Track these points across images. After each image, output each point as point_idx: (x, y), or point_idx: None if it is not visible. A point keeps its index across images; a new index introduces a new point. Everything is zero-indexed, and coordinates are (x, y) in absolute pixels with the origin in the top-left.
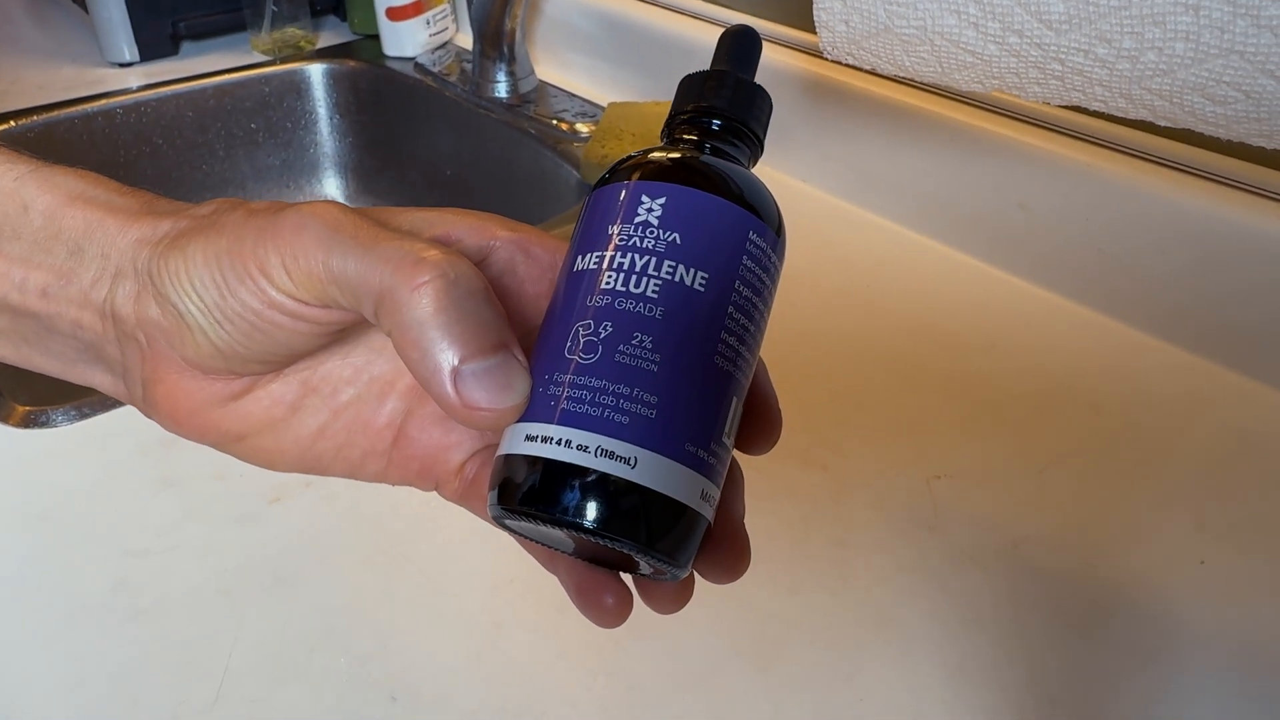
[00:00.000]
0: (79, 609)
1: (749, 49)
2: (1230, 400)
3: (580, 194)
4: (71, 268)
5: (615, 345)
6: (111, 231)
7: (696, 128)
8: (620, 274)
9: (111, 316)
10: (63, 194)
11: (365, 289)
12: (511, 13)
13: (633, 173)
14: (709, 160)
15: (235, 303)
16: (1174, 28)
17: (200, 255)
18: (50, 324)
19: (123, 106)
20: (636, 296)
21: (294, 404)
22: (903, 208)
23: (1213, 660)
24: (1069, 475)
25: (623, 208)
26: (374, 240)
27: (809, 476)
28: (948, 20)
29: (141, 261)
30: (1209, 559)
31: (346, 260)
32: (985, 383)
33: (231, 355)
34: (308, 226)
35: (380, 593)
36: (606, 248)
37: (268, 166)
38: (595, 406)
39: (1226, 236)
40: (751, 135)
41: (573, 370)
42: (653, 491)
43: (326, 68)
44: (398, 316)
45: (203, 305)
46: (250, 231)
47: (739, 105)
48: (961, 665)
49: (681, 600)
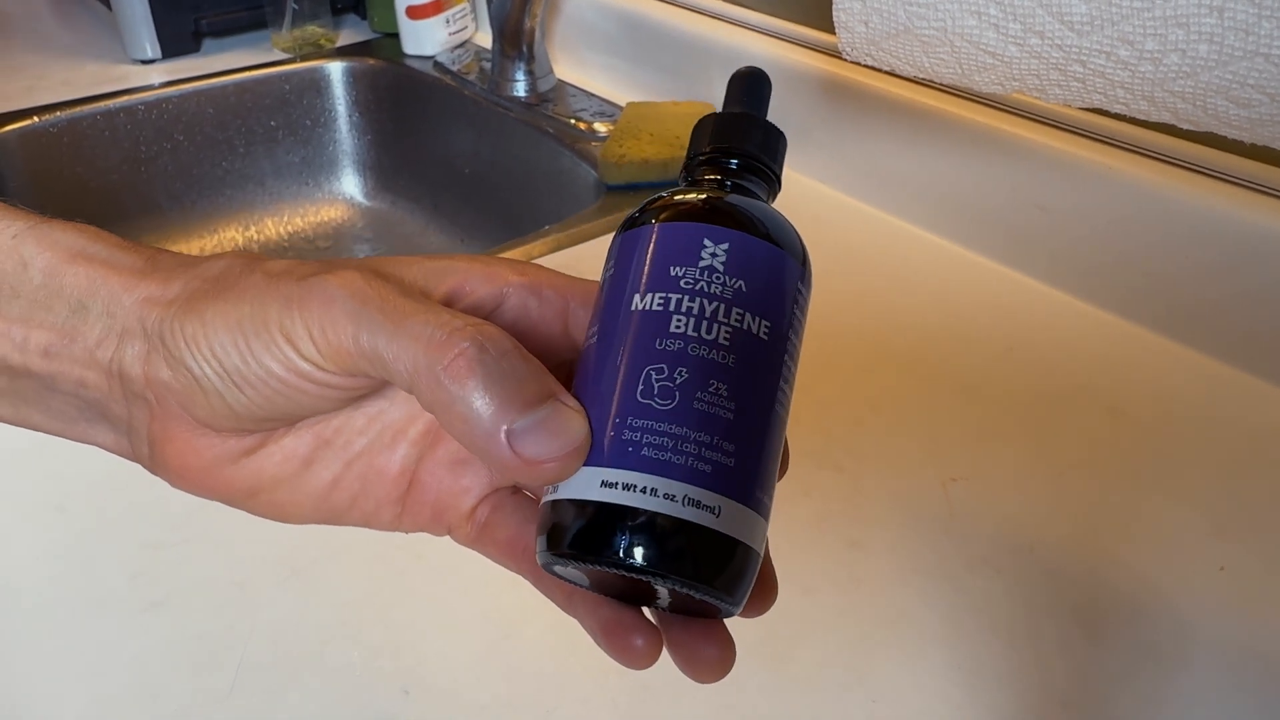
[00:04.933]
0: (95, 601)
1: (762, 89)
2: (1250, 404)
3: (597, 193)
4: (75, 326)
5: (693, 392)
6: (116, 289)
7: (722, 170)
8: (691, 319)
9: (119, 376)
10: (62, 251)
11: (398, 367)
12: (531, 12)
13: (684, 214)
14: (758, 206)
15: (258, 369)
16: (1198, 30)
17: (220, 321)
18: (52, 383)
19: (145, 103)
20: (710, 343)
21: (307, 458)
22: (921, 209)
23: (1228, 667)
24: (1086, 479)
25: (683, 250)
26: (402, 316)
27: (824, 477)
28: (968, 21)
29: (152, 322)
30: (1228, 565)
31: (377, 338)
32: (1002, 385)
33: (246, 417)
34: (336, 299)
35: (394, 588)
36: (672, 290)
37: (287, 163)
38: (679, 454)
39: (1248, 240)
40: (774, 178)
41: (651, 416)
42: (734, 540)
43: (346, 66)
44: (437, 394)
45: (221, 371)
46: (274, 299)
47: (765, 147)
48: (975, 668)
49: (726, 669)
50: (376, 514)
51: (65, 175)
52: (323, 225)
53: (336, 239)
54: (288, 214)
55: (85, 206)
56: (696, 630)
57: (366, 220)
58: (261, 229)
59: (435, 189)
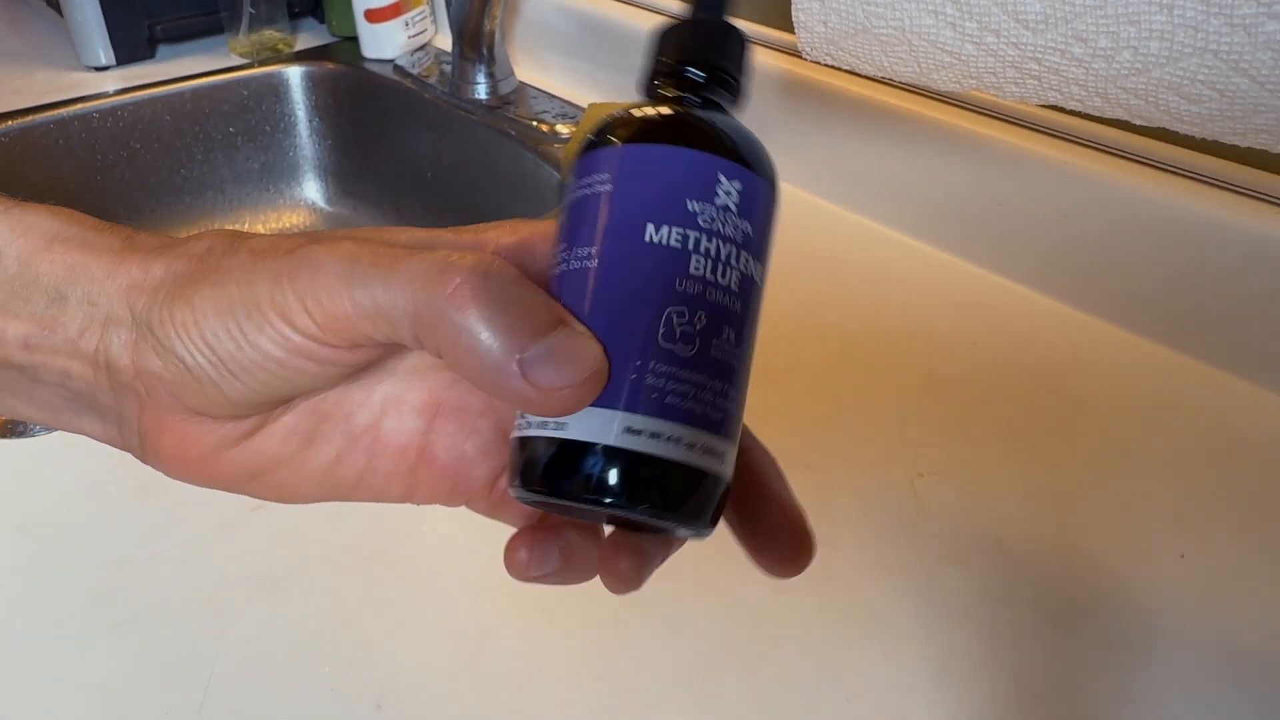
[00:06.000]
0: (59, 621)
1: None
2: (1207, 394)
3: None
4: (54, 316)
5: (710, 339)
6: (96, 276)
7: (706, 87)
8: (708, 260)
9: (105, 367)
10: (37, 236)
11: (398, 312)
12: (490, 14)
13: (694, 141)
14: (752, 137)
15: (253, 352)
16: (1148, 26)
17: (210, 305)
18: (35, 374)
19: (99, 111)
20: (724, 289)
21: (308, 434)
22: (881, 206)
23: (1193, 653)
24: (1051, 471)
25: (700, 184)
26: (394, 262)
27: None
28: (925, 20)
29: (139, 310)
30: (1188, 553)
31: (373, 289)
32: (967, 380)
33: (243, 403)
34: (325, 265)
35: (364, 599)
36: (690, 226)
37: (247, 170)
38: (699, 403)
39: (1201, 232)
40: (740, 90)
41: (673, 362)
42: (728, 482)
43: (305, 70)
44: (441, 328)
45: (215, 358)
46: (262, 276)
47: (736, 59)
48: (947, 663)
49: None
50: (386, 488)
51: (19, 186)
52: (285, 231)
53: None
54: (249, 221)
55: None
56: (622, 544)
57: (329, 226)
58: None
59: (398, 193)
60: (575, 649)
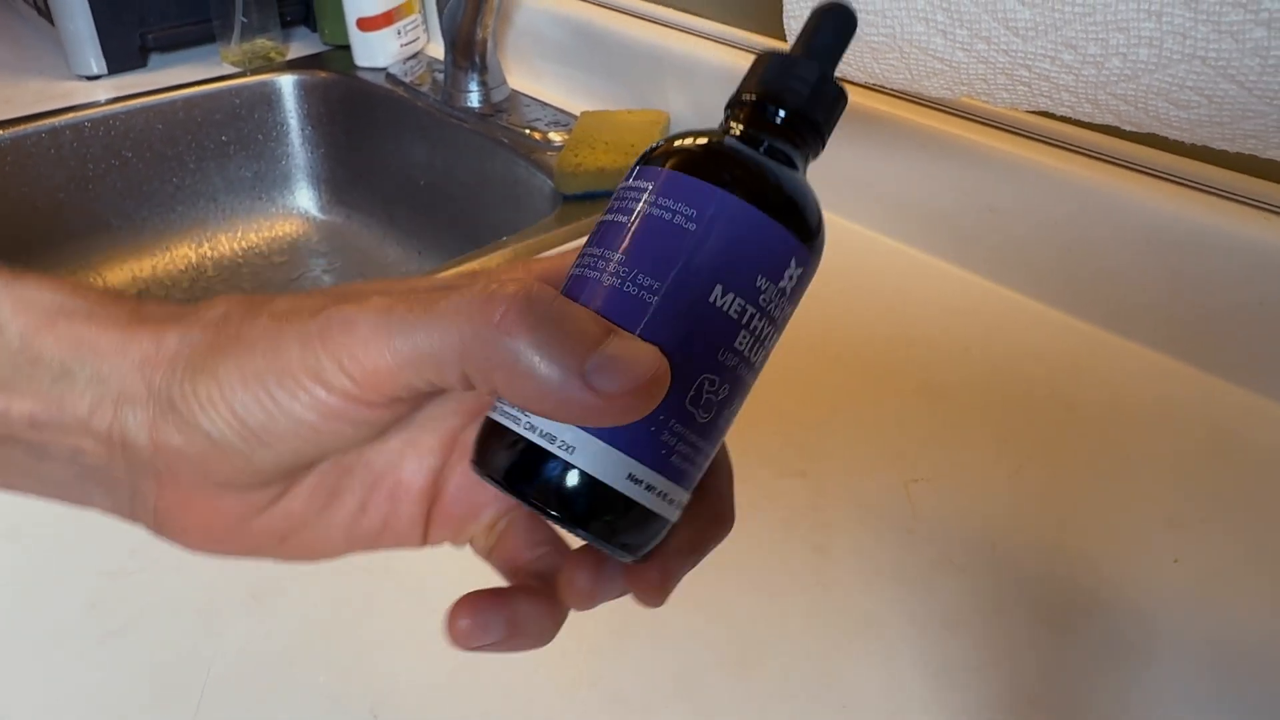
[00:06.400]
0: (52, 631)
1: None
2: (1199, 399)
3: (554, 202)
4: (61, 394)
5: (724, 409)
6: (105, 351)
7: (802, 140)
8: (752, 339)
9: (121, 445)
10: (39, 312)
11: (445, 353)
12: (482, 22)
13: (778, 210)
14: (823, 221)
15: (286, 421)
16: (1137, 34)
17: (236, 376)
18: (43, 451)
19: (91, 120)
20: (751, 366)
21: (333, 489)
22: (873, 212)
23: (1187, 656)
24: (1044, 476)
25: (773, 263)
26: (430, 305)
27: (787, 483)
28: (916, 28)
29: (156, 385)
30: (1182, 556)
31: (414, 335)
32: (961, 386)
33: (275, 471)
34: (358, 321)
35: (359, 607)
36: (750, 302)
37: (239, 179)
38: (692, 465)
39: (1191, 238)
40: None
41: (689, 426)
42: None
43: (297, 79)
44: (495, 358)
45: (244, 430)
46: (290, 341)
47: (833, 126)
48: (943, 668)
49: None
50: (410, 533)
51: (11, 195)
52: (277, 240)
53: (292, 253)
54: (241, 230)
55: (32, 227)
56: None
57: (322, 234)
58: (215, 245)
59: (390, 201)
60: (570, 656)
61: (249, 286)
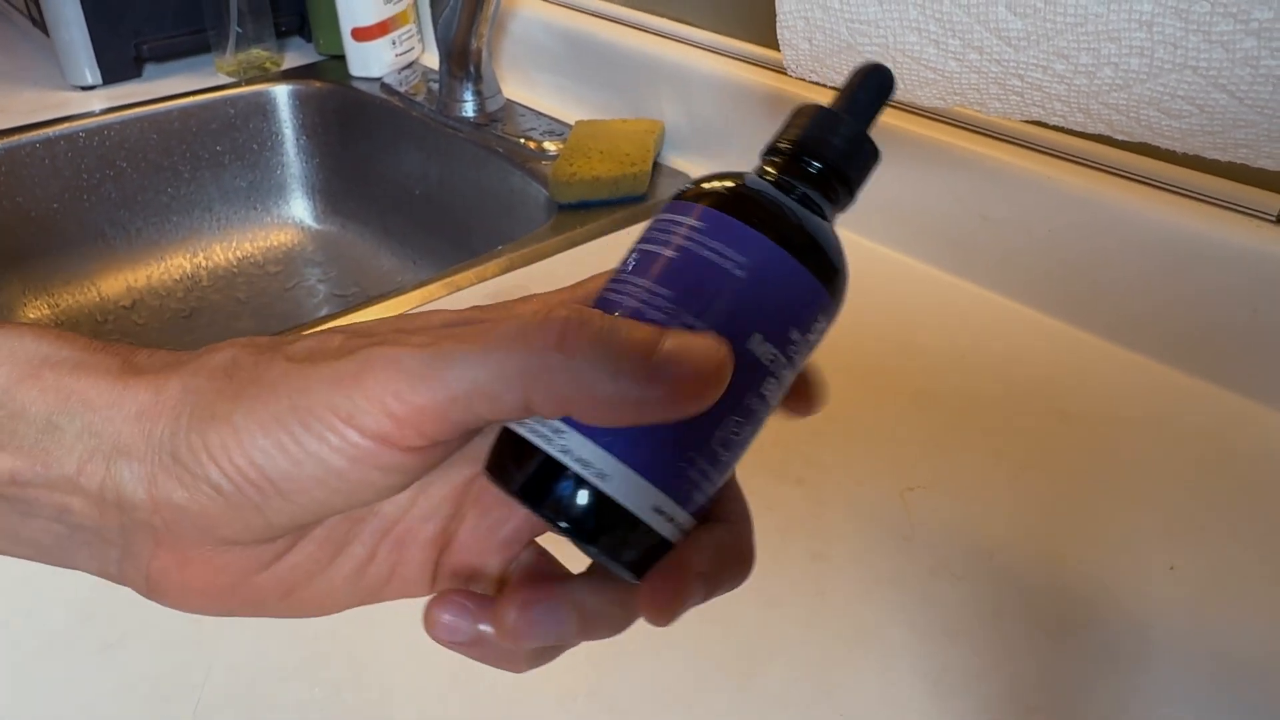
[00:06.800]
0: (46, 644)
1: (885, 94)
2: (1193, 405)
3: (549, 212)
4: (46, 448)
5: (740, 449)
6: (97, 404)
7: (835, 193)
8: (777, 386)
9: (115, 504)
10: (23, 361)
11: (505, 382)
12: (477, 32)
13: (816, 267)
14: (848, 277)
15: (312, 467)
16: (1129, 44)
17: (254, 423)
18: (27, 508)
19: (86, 130)
20: (769, 409)
21: (342, 539)
22: (868, 221)
23: (1185, 664)
24: (1041, 483)
25: (807, 316)
26: (479, 337)
27: (785, 491)
28: (909, 38)
29: (157, 437)
30: (1178, 564)
31: (468, 368)
32: (955, 393)
33: (288, 525)
34: (399, 359)
35: (353, 619)
36: (782, 350)
37: (234, 189)
38: (706, 499)
39: (1183, 246)
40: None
41: (711, 462)
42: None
43: (292, 89)
44: (561, 379)
45: (263, 481)
46: (318, 384)
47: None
48: (941, 676)
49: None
50: (417, 581)
51: (5, 205)
52: (272, 250)
53: (287, 263)
54: (236, 240)
55: (27, 237)
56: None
57: (317, 244)
58: (210, 255)
59: (385, 211)
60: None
61: (244, 296)
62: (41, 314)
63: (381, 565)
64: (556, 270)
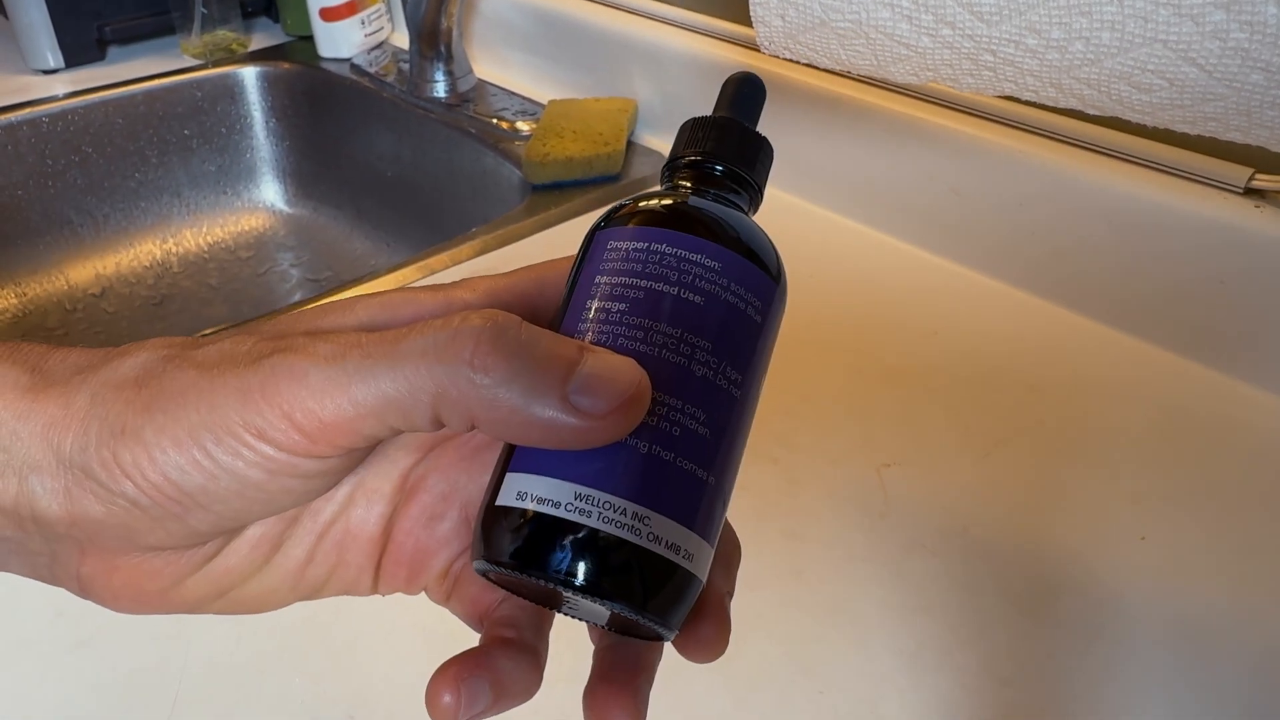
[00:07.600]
0: (17, 642)
1: (757, 98)
2: (1161, 378)
3: (523, 192)
4: None
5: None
6: (3, 418)
7: (738, 197)
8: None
9: (32, 519)
10: None
11: (416, 397)
12: (447, 11)
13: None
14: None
15: (229, 481)
16: (1100, 17)
17: (166, 438)
18: None
19: (49, 115)
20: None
21: (276, 540)
22: (839, 196)
23: (1155, 634)
24: (1013, 457)
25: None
26: (390, 346)
27: (759, 470)
28: (882, 14)
29: (67, 451)
30: (1149, 534)
31: (377, 382)
32: (928, 369)
33: (213, 531)
34: (307, 371)
35: (333, 608)
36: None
37: (203, 173)
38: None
39: (1154, 218)
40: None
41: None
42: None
43: (260, 70)
44: (472, 396)
45: (180, 495)
46: (227, 397)
47: (761, 171)
48: (917, 651)
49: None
50: (357, 581)
51: None
52: (244, 235)
53: (259, 248)
54: (206, 225)
55: None
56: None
57: (289, 228)
58: (180, 241)
59: (357, 194)
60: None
61: (215, 282)
62: (9, 304)
63: (320, 567)
64: (531, 251)
